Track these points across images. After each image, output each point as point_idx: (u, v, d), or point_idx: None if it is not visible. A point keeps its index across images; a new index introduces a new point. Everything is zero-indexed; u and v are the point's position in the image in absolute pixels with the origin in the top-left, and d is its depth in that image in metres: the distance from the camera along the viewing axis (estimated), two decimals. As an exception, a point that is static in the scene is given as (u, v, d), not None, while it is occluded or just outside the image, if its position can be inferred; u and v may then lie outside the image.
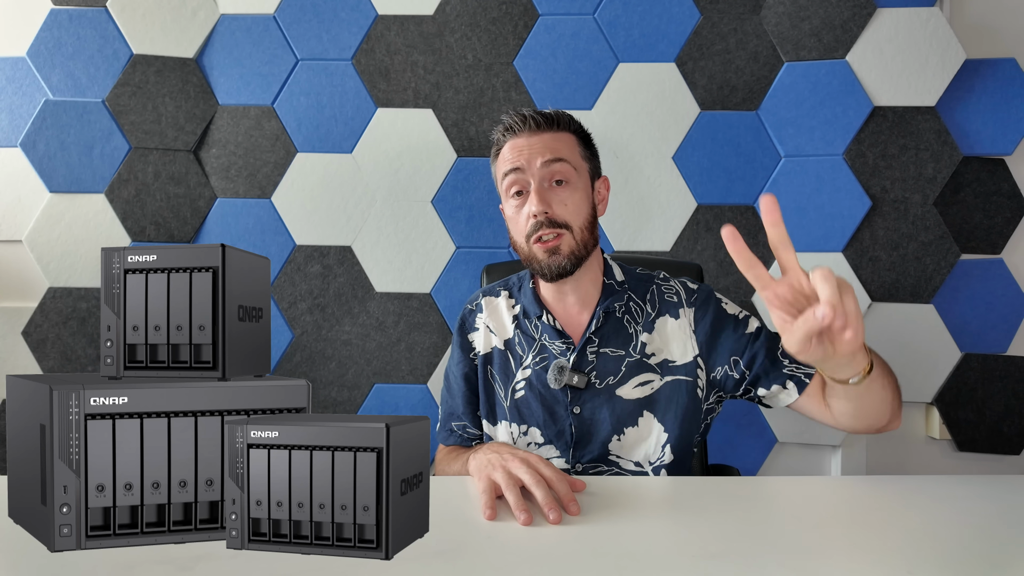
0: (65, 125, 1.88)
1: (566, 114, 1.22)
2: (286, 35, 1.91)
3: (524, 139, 1.18)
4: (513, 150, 1.18)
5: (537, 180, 1.16)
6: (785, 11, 1.87)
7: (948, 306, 1.85)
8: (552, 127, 1.19)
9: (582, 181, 1.19)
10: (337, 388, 1.91)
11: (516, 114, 1.20)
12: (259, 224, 1.91)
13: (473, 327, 1.29)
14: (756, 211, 1.88)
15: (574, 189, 1.17)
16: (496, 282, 1.34)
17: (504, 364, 1.24)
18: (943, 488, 0.93)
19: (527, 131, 1.18)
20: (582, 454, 1.16)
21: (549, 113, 1.20)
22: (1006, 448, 1.84)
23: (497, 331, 1.26)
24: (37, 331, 1.88)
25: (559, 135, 1.19)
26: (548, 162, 1.15)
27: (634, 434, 1.15)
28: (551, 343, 1.20)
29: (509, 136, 1.20)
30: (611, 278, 1.23)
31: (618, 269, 1.26)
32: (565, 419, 1.17)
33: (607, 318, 1.20)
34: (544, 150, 1.16)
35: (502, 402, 1.23)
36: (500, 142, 1.22)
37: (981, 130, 1.84)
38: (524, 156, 1.17)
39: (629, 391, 1.16)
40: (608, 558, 0.69)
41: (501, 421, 1.22)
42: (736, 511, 0.83)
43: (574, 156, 1.19)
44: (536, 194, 1.15)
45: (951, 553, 0.71)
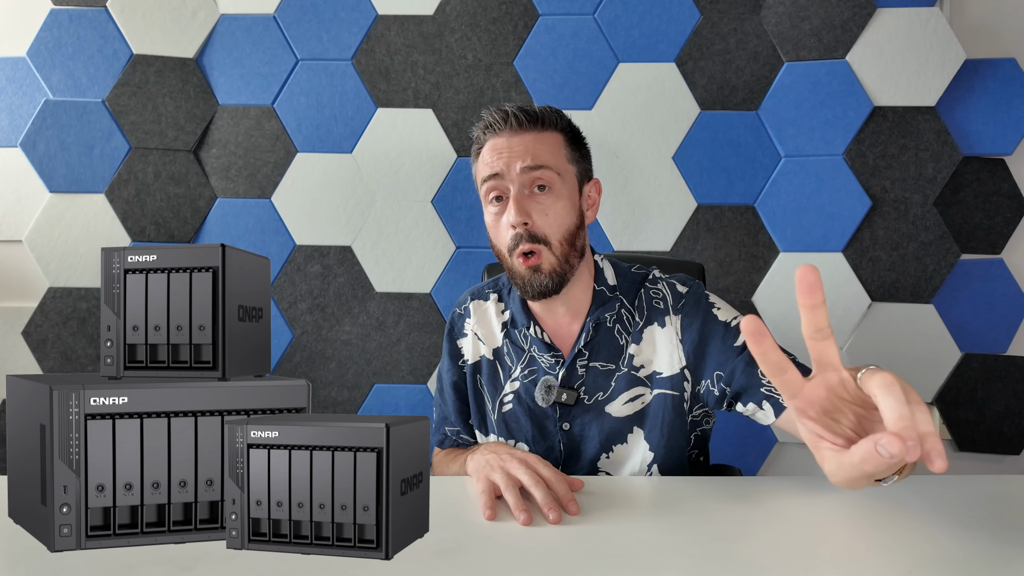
0: (65, 125, 1.88)
1: (553, 111, 1.12)
2: (286, 35, 1.91)
3: (504, 139, 1.09)
4: (492, 152, 1.09)
5: (517, 187, 1.06)
6: (785, 11, 1.87)
7: (948, 306, 1.85)
8: (536, 126, 1.09)
9: (567, 187, 1.09)
10: (337, 388, 1.91)
11: (497, 111, 1.10)
12: (259, 224, 1.91)
13: (462, 333, 1.24)
14: (756, 211, 1.88)
15: (557, 196, 1.07)
16: (486, 282, 1.28)
17: (493, 375, 1.19)
18: (943, 488, 0.93)
19: (508, 130, 1.09)
20: (571, 470, 1.13)
21: (533, 110, 1.10)
22: (1006, 448, 1.84)
23: (486, 339, 1.21)
24: (37, 331, 1.88)
25: (543, 135, 1.09)
26: (528, 168, 1.06)
27: (622, 451, 1.11)
28: (540, 356, 1.15)
29: (489, 135, 1.11)
30: (602, 283, 1.15)
31: (611, 271, 1.17)
32: (554, 435, 1.13)
33: (597, 329, 1.13)
34: (525, 154, 1.07)
35: (490, 414, 1.19)
36: (480, 140, 1.12)
37: (981, 130, 1.84)
38: (503, 160, 1.07)
39: (618, 408, 1.12)
40: (608, 558, 0.69)
41: (491, 434, 1.19)
42: (736, 511, 0.83)
43: (558, 160, 1.09)
44: (515, 202, 1.06)
45: (951, 553, 0.71)
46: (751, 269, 1.88)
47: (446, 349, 1.26)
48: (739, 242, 1.88)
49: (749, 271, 1.88)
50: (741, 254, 1.88)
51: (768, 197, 1.87)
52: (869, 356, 1.85)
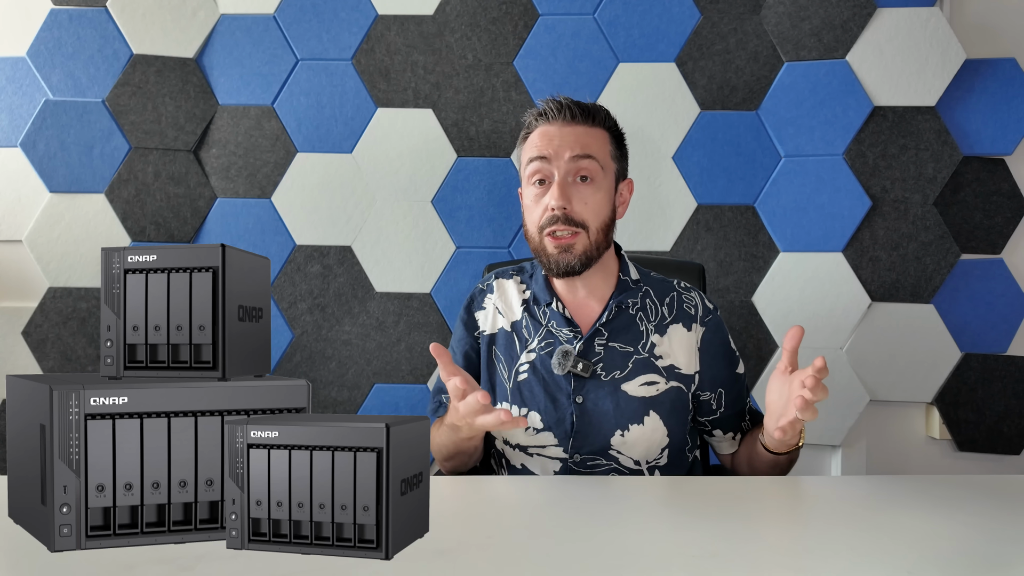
0: (65, 125, 1.88)
1: (603, 109, 1.19)
2: (286, 35, 1.91)
3: (556, 128, 1.15)
4: (543, 137, 1.15)
5: (562, 173, 1.13)
6: (785, 11, 1.87)
7: (948, 306, 1.85)
8: (587, 120, 1.16)
9: (607, 181, 1.16)
10: (337, 388, 1.91)
11: (552, 101, 1.17)
12: (259, 224, 1.91)
13: (481, 306, 1.28)
14: (756, 211, 1.88)
15: (597, 188, 1.14)
16: (510, 266, 1.33)
17: (509, 345, 1.22)
18: (943, 488, 0.93)
19: (560, 120, 1.15)
20: (581, 445, 1.15)
21: (587, 105, 1.17)
22: (1006, 448, 1.84)
23: (505, 313, 1.25)
24: (37, 331, 1.88)
25: (592, 130, 1.16)
26: (576, 157, 1.13)
27: (638, 432, 1.14)
28: (559, 330, 1.19)
29: (541, 122, 1.17)
30: (627, 275, 1.22)
31: (634, 268, 1.25)
32: (567, 407, 1.15)
33: (619, 312, 1.19)
34: (574, 143, 1.13)
35: (504, 383, 1.21)
36: (531, 126, 1.19)
37: (981, 130, 1.84)
38: (553, 146, 1.14)
39: (635, 388, 1.15)
40: (608, 558, 0.69)
41: (501, 402, 1.20)
42: (736, 511, 0.83)
43: (603, 154, 1.16)
44: (558, 187, 1.12)
45: (951, 553, 0.71)
46: (751, 269, 1.88)
47: (462, 321, 1.29)
48: (739, 242, 1.88)
49: (749, 271, 1.88)
50: (741, 254, 1.88)
51: (768, 197, 1.87)
52: (869, 356, 1.85)
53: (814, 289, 1.86)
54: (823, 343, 1.86)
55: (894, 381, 1.86)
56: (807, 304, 1.86)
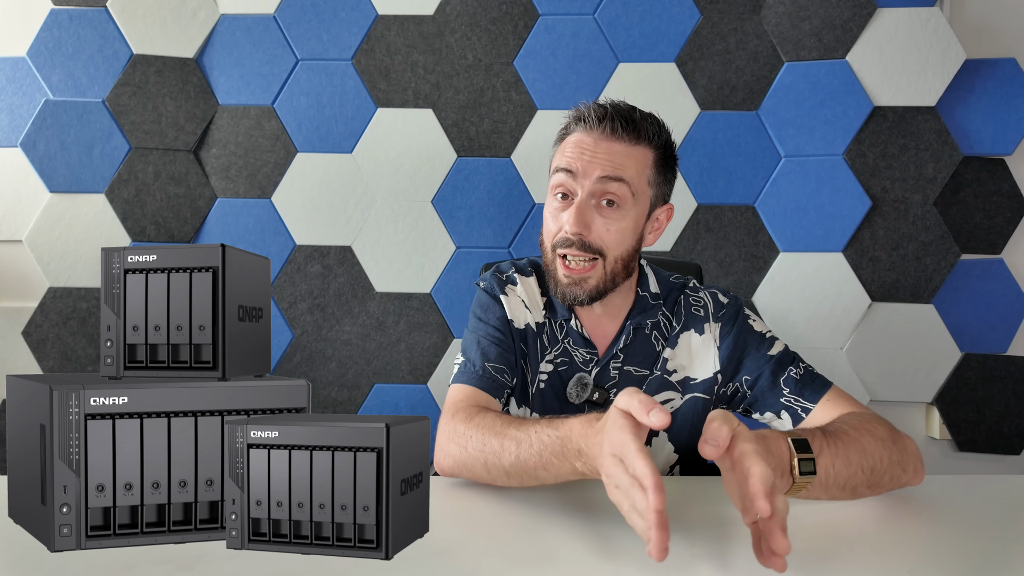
0: (65, 125, 1.88)
1: (655, 124, 1.05)
2: (286, 35, 1.91)
3: (592, 139, 1.02)
4: (575, 147, 1.02)
5: (585, 193, 1.01)
6: (785, 11, 1.87)
7: (948, 306, 1.85)
8: (630, 137, 1.02)
9: (636, 209, 1.03)
10: (337, 388, 1.91)
11: (598, 107, 1.02)
12: (259, 224, 1.91)
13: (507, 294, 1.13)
14: (756, 211, 1.88)
15: (624, 215, 1.02)
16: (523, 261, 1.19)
17: (534, 346, 1.11)
18: (943, 488, 0.93)
19: (599, 130, 1.02)
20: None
21: (634, 118, 1.03)
22: (1006, 448, 1.84)
23: (532, 309, 1.13)
24: (37, 331, 1.88)
25: (634, 149, 1.02)
26: (605, 178, 1.00)
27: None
28: (575, 349, 1.11)
29: (579, 127, 1.04)
30: (645, 290, 1.13)
31: (654, 279, 1.15)
32: None
33: (636, 334, 1.11)
34: (607, 162, 1.00)
35: (528, 384, 1.11)
36: (570, 128, 1.06)
37: (981, 130, 1.84)
38: (583, 160, 1.01)
39: None
40: (608, 558, 0.69)
41: (522, 406, 1.11)
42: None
43: (639, 178, 1.02)
44: (577, 210, 1.00)
45: (951, 553, 0.71)
46: (751, 269, 1.88)
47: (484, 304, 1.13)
48: (739, 242, 1.88)
49: (749, 271, 1.88)
50: (741, 254, 1.88)
51: (768, 197, 1.87)
52: (869, 356, 1.86)
53: (814, 289, 1.86)
54: (823, 343, 1.86)
55: (894, 381, 1.86)
56: (807, 304, 1.86)
